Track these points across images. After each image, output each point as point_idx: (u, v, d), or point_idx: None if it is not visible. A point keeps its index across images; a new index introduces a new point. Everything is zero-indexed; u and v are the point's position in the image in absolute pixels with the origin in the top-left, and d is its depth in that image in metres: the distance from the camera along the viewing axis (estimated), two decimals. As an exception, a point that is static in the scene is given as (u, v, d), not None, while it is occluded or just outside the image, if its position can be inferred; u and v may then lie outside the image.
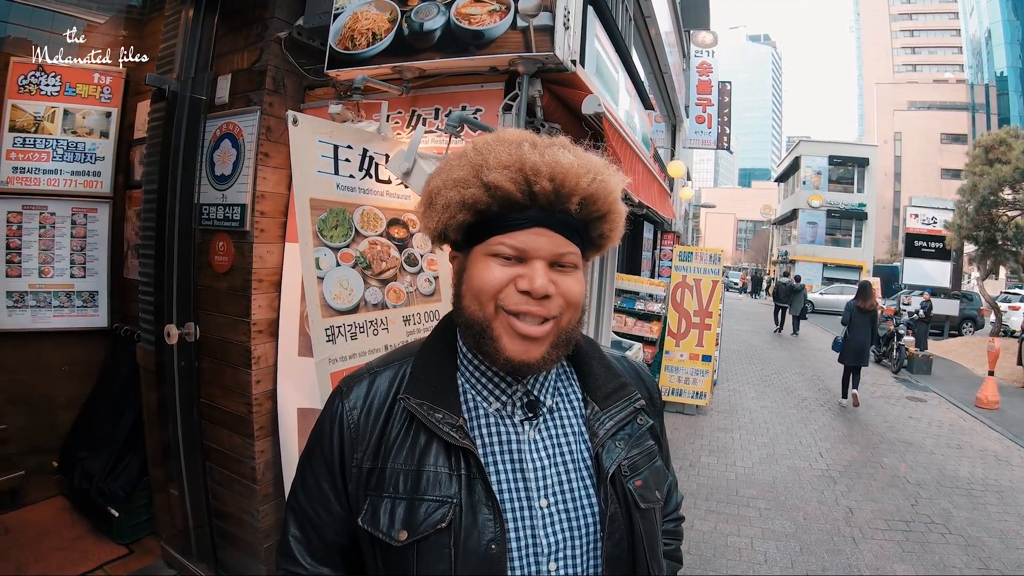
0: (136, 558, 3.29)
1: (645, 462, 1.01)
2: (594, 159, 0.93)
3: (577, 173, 0.87)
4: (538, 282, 0.87)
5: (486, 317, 0.90)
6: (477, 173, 0.88)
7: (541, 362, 0.90)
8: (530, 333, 0.88)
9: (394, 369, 0.99)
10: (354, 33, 2.66)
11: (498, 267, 0.89)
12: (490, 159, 0.88)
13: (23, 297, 3.67)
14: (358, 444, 0.94)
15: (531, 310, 0.88)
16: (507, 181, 0.86)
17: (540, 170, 0.86)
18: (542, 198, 0.87)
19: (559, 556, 0.90)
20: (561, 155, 0.88)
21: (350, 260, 2.41)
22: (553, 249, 0.89)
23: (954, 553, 4.33)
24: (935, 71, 59.85)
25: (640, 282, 8.58)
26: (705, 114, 17.19)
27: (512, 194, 0.86)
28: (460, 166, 0.91)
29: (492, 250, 0.89)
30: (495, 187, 0.86)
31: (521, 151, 0.88)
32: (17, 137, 3.60)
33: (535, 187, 0.86)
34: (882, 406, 9.08)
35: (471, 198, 0.88)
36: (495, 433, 0.94)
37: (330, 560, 0.98)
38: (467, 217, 0.90)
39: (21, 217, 3.66)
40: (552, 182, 0.86)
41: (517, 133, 0.93)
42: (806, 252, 35.61)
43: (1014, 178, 14.10)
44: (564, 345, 0.94)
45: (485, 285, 0.89)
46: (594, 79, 3.17)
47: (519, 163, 0.86)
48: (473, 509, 0.87)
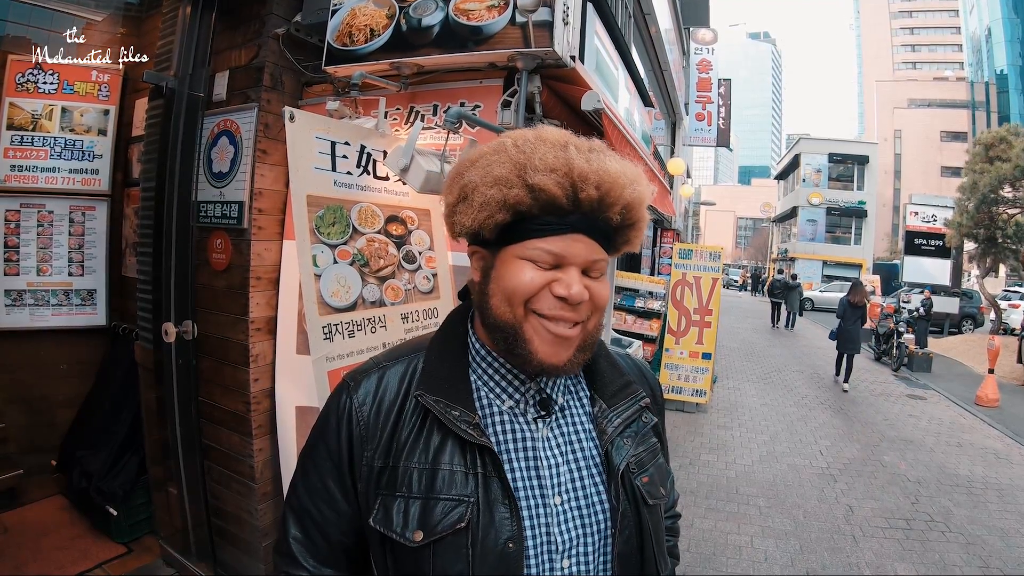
0: (135, 557, 3.29)
1: (650, 459, 1.02)
2: (633, 167, 0.91)
3: (622, 182, 0.86)
4: (575, 289, 0.85)
5: (516, 320, 0.88)
6: (521, 173, 0.84)
7: (569, 364, 0.90)
8: (563, 334, 0.88)
9: (404, 364, 0.98)
10: (352, 29, 2.65)
11: (533, 270, 0.87)
12: (535, 159, 0.84)
13: (21, 295, 3.66)
14: (368, 441, 0.92)
15: (565, 315, 0.87)
16: (554, 185, 0.83)
17: (588, 177, 0.84)
18: (586, 205, 0.85)
19: (572, 553, 0.90)
20: (608, 162, 0.86)
21: (347, 257, 2.39)
22: (588, 256, 0.87)
23: (954, 551, 4.32)
24: (935, 69, 59.76)
25: (640, 280, 8.58)
26: (705, 111, 17.19)
27: (557, 199, 0.84)
28: (501, 163, 0.87)
29: (528, 254, 0.87)
30: (541, 190, 0.83)
31: (568, 155, 0.85)
32: (15, 135, 3.59)
33: (581, 194, 0.84)
34: (882, 404, 9.08)
35: (514, 199, 0.85)
36: (510, 431, 0.93)
37: (334, 561, 0.96)
38: (506, 217, 0.86)
39: (19, 215, 3.64)
40: (599, 190, 0.84)
41: (559, 133, 0.90)
42: (806, 250, 35.61)
43: (1014, 176, 14.08)
44: (589, 348, 0.94)
45: (520, 288, 0.87)
46: (594, 76, 3.16)
47: (567, 167, 0.84)
48: (490, 508, 0.86)
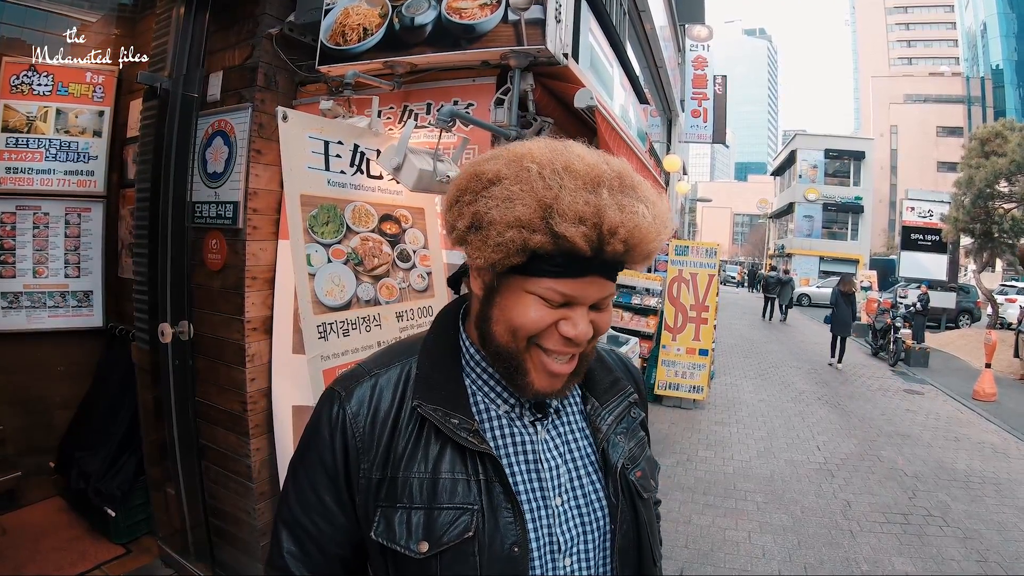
0: (134, 558, 3.29)
1: (641, 453, 1.03)
2: (663, 207, 0.86)
3: (652, 237, 0.82)
4: (581, 328, 0.84)
5: (518, 351, 0.87)
6: (546, 215, 0.78)
7: (563, 389, 0.91)
8: (561, 372, 0.88)
9: (396, 370, 0.95)
10: (345, 28, 2.65)
11: (542, 308, 0.84)
12: (563, 203, 0.77)
13: (18, 298, 3.66)
14: (365, 453, 0.90)
15: (568, 350, 0.87)
16: (580, 238, 0.77)
17: (618, 231, 0.78)
18: (610, 256, 0.81)
19: (574, 551, 0.91)
20: (640, 215, 0.80)
21: (342, 256, 2.40)
22: (599, 295, 0.86)
23: (952, 545, 4.33)
24: (931, 64, 59.82)
25: (636, 276, 8.55)
26: (701, 108, 17.21)
27: (581, 251, 0.79)
28: (523, 200, 0.79)
29: (539, 292, 0.83)
30: (565, 239, 0.77)
31: (600, 201, 0.78)
32: (10, 137, 3.58)
33: (607, 247, 0.79)
34: (879, 399, 9.10)
35: (535, 244, 0.79)
36: (508, 435, 0.93)
37: (330, 574, 0.94)
38: (523, 259, 0.81)
39: (15, 217, 3.64)
40: (625, 244, 0.80)
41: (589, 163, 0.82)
42: (803, 246, 35.60)
43: (1010, 171, 14.14)
44: (582, 371, 0.94)
45: (527, 325, 0.84)
46: (588, 73, 3.17)
47: (597, 218, 0.77)
48: (494, 513, 0.86)
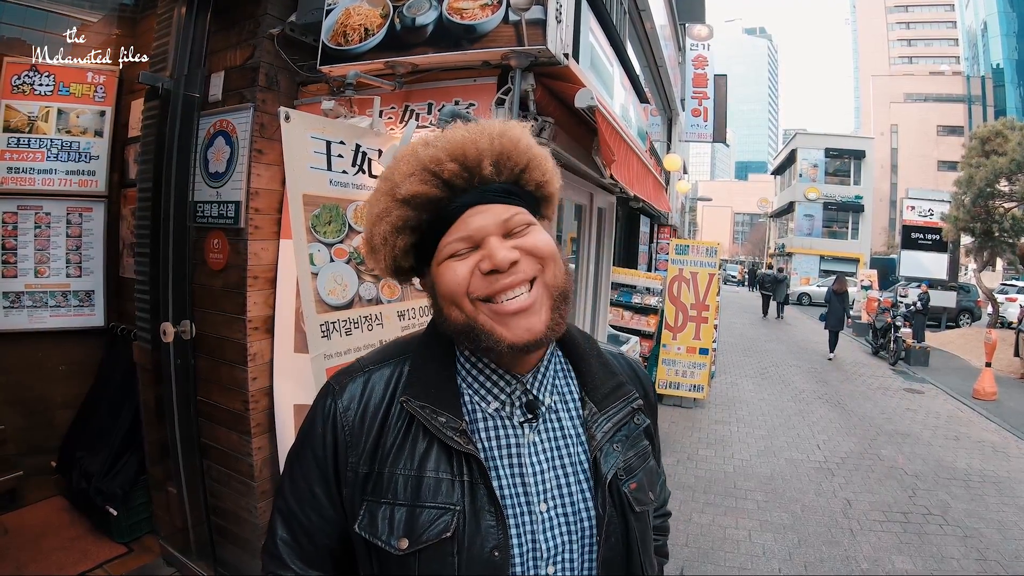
0: (135, 557, 3.30)
1: (640, 463, 1.00)
2: (490, 122, 0.92)
3: (472, 140, 0.86)
4: (499, 255, 0.84)
5: (467, 316, 0.87)
6: (392, 196, 0.88)
7: (548, 330, 0.88)
8: (514, 308, 0.85)
9: (390, 368, 0.96)
10: (346, 29, 2.65)
11: (459, 263, 0.86)
12: (396, 177, 0.88)
13: (20, 297, 3.66)
14: (353, 447, 0.91)
15: (505, 284, 0.85)
16: (417, 185, 0.85)
17: (438, 157, 0.85)
18: (456, 180, 0.86)
19: (557, 560, 0.90)
20: (450, 133, 0.88)
21: (344, 256, 2.41)
22: (496, 220, 0.87)
23: (952, 544, 4.35)
24: (931, 63, 59.81)
25: (637, 276, 8.57)
26: (701, 107, 17.17)
27: (428, 193, 0.86)
28: (376, 201, 0.91)
29: (445, 253, 0.87)
30: (410, 196, 0.86)
31: (416, 154, 0.87)
32: (11, 137, 3.58)
33: (444, 175, 0.85)
34: (880, 398, 9.11)
35: (398, 220, 0.88)
36: (495, 436, 0.92)
37: (320, 564, 0.95)
38: (407, 239, 0.89)
39: (16, 217, 3.64)
40: (455, 160, 0.85)
41: (410, 144, 0.92)
42: (803, 245, 35.58)
43: (1010, 169, 14.12)
44: (562, 304, 0.91)
45: (452, 285, 0.86)
46: (588, 73, 3.17)
47: (419, 164, 0.86)
48: (476, 516, 0.85)
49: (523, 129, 0.93)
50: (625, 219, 9.47)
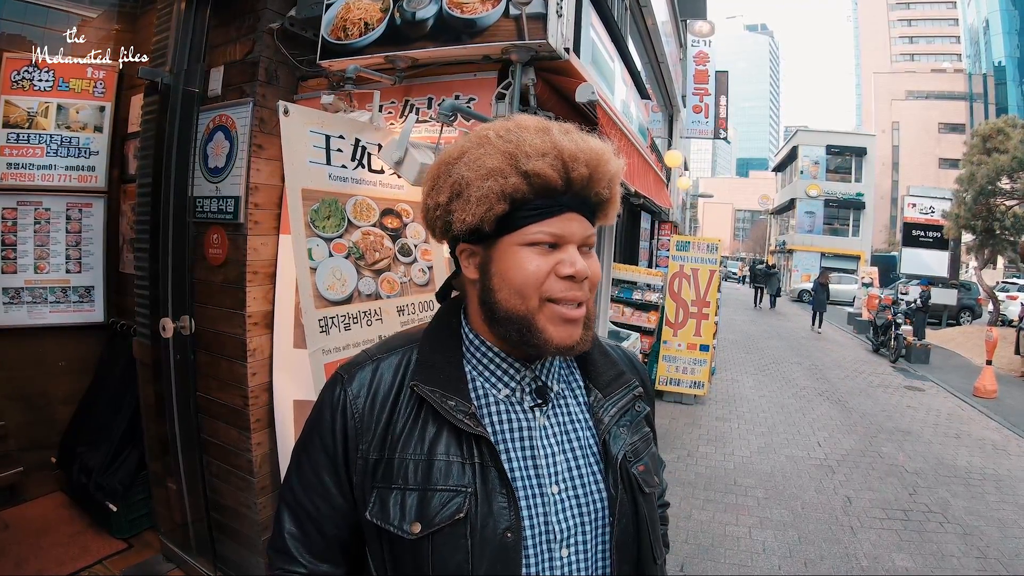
0: (135, 552, 3.30)
1: (644, 447, 1.02)
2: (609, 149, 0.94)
3: (607, 158, 0.90)
4: (580, 264, 0.88)
5: (530, 311, 0.88)
6: (513, 161, 0.86)
7: (580, 343, 0.91)
8: (574, 316, 0.89)
9: (398, 356, 0.97)
10: (346, 23, 2.64)
11: (537, 256, 0.88)
12: (525, 147, 0.86)
13: (19, 293, 3.66)
14: (363, 434, 0.91)
15: (575, 295, 0.89)
16: (548, 168, 0.85)
17: (578, 156, 0.86)
18: (578, 184, 0.88)
19: (571, 542, 0.90)
20: (590, 141, 0.90)
21: (343, 251, 2.40)
22: (583, 233, 0.90)
23: (952, 542, 4.34)
24: (933, 61, 59.69)
25: (638, 272, 8.56)
26: (702, 104, 17.16)
27: (553, 181, 0.86)
28: (490, 155, 0.87)
29: (528, 239, 0.88)
30: (536, 175, 0.85)
31: (554, 138, 0.87)
32: (11, 133, 3.57)
33: (573, 173, 0.86)
34: (880, 395, 9.10)
35: (511, 187, 0.86)
36: (506, 420, 0.93)
37: (330, 556, 0.95)
38: (505, 207, 0.87)
39: (16, 213, 3.63)
40: (588, 167, 0.87)
41: (537, 120, 0.92)
42: (804, 242, 35.54)
43: (1012, 167, 14.09)
44: (591, 327, 0.95)
45: (530, 277, 0.87)
46: (590, 68, 3.16)
47: (556, 150, 0.86)
48: (488, 497, 0.86)
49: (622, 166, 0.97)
50: (626, 215, 9.45)
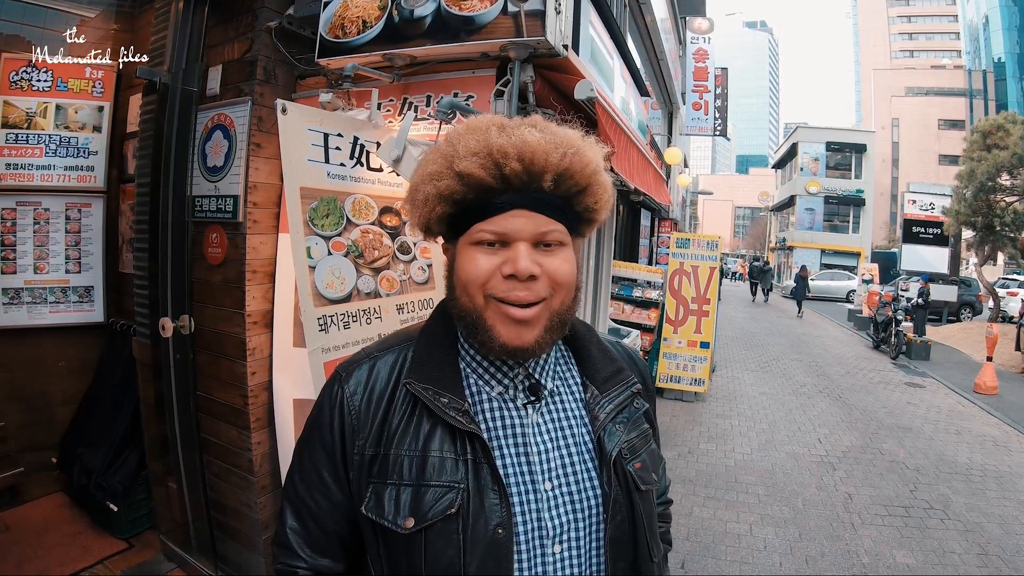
0: (136, 552, 3.30)
1: (642, 444, 1.02)
2: (567, 133, 0.92)
3: (545, 150, 0.87)
4: (521, 264, 0.86)
5: (476, 308, 0.90)
6: (449, 164, 0.88)
7: (536, 346, 0.90)
8: (521, 317, 0.88)
9: (394, 354, 0.99)
10: (344, 21, 2.64)
11: (482, 256, 0.89)
12: (460, 148, 0.88)
13: (19, 293, 3.65)
14: (360, 430, 0.93)
15: (518, 295, 0.87)
16: (477, 167, 0.86)
17: (507, 151, 0.85)
18: (514, 179, 0.87)
19: (563, 538, 0.91)
20: (528, 134, 0.88)
21: (342, 249, 2.40)
22: (534, 229, 0.88)
23: (953, 538, 4.34)
24: (933, 57, 59.66)
25: (637, 269, 8.57)
26: (702, 101, 17.16)
27: (484, 179, 0.86)
28: (434, 160, 0.91)
29: (474, 238, 0.89)
30: (466, 175, 0.86)
31: (488, 136, 0.87)
32: (10, 133, 3.57)
33: (505, 169, 0.86)
34: (880, 392, 9.10)
35: (446, 189, 0.88)
36: (499, 417, 0.94)
37: (330, 551, 0.97)
38: (446, 208, 0.90)
39: (15, 213, 3.63)
40: (521, 162, 0.86)
41: (486, 119, 0.93)
42: (804, 238, 35.57)
43: (1012, 164, 14.08)
44: (558, 328, 0.93)
45: (471, 276, 0.89)
46: (589, 65, 3.16)
47: (486, 148, 0.86)
48: (480, 494, 0.87)
49: (596, 153, 0.95)
50: (626, 213, 9.45)
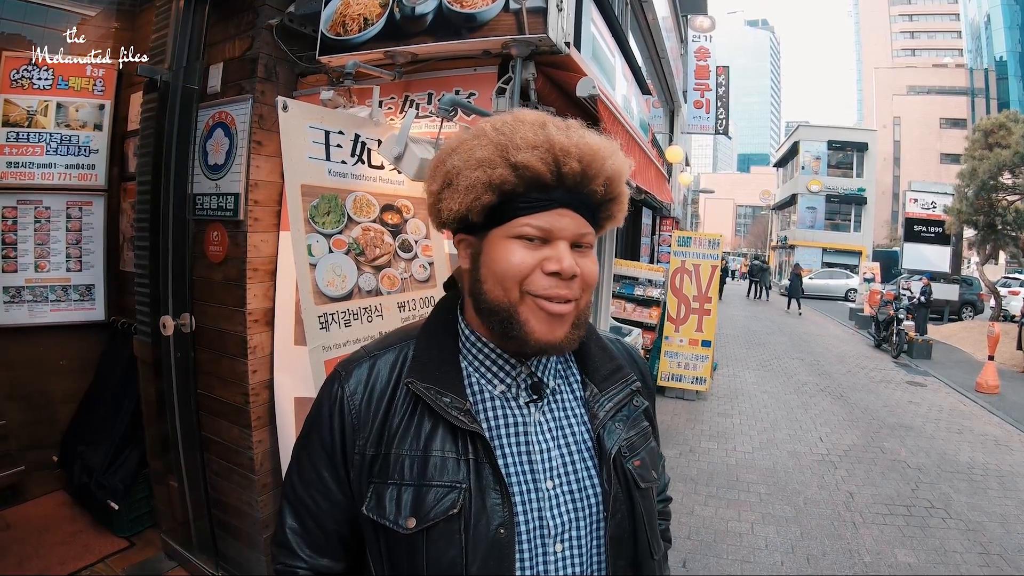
0: (137, 551, 3.30)
1: (642, 442, 1.02)
2: (610, 141, 0.93)
3: (603, 154, 0.88)
4: (566, 262, 0.86)
5: (511, 302, 0.88)
6: (503, 153, 0.86)
7: (564, 342, 0.90)
8: (557, 311, 0.88)
9: (395, 352, 0.98)
10: (345, 19, 2.63)
11: (523, 250, 0.88)
12: (516, 139, 0.86)
13: (20, 292, 3.65)
14: (360, 430, 0.92)
15: (560, 293, 0.87)
16: (537, 161, 0.85)
17: (570, 151, 0.85)
18: (570, 179, 0.87)
19: (565, 537, 0.91)
20: (587, 136, 0.89)
21: (343, 247, 2.39)
22: (575, 230, 0.89)
23: (954, 537, 4.33)
24: (934, 56, 59.56)
25: (639, 267, 8.56)
26: (703, 99, 17.15)
27: (542, 175, 0.85)
28: (482, 146, 0.88)
29: (516, 232, 0.88)
30: (524, 167, 0.85)
31: (548, 132, 0.87)
32: (10, 132, 3.56)
33: (564, 168, 0.85)
34: (882, 391, 9.09)
35: (498, 178, 0.86)
36: (501, 416, 0.93)
37: (329, 551, 0.96)
38: (492, 198, 0.88)
39: (16, 212, 3.63)
40: (580, 163, 0.86)
41: (536, 114, 0.92)
42: (805, 237, 35.57)
43: (1014, 162, 14.03)
44: (582, 326, 0.94)
45: (511, 269, 0.87)
46: (590, 63, 3.15)
47: (548, 143, 0.85)
48: (482, 493, 0.86)
49: (627, 163, 0.95)
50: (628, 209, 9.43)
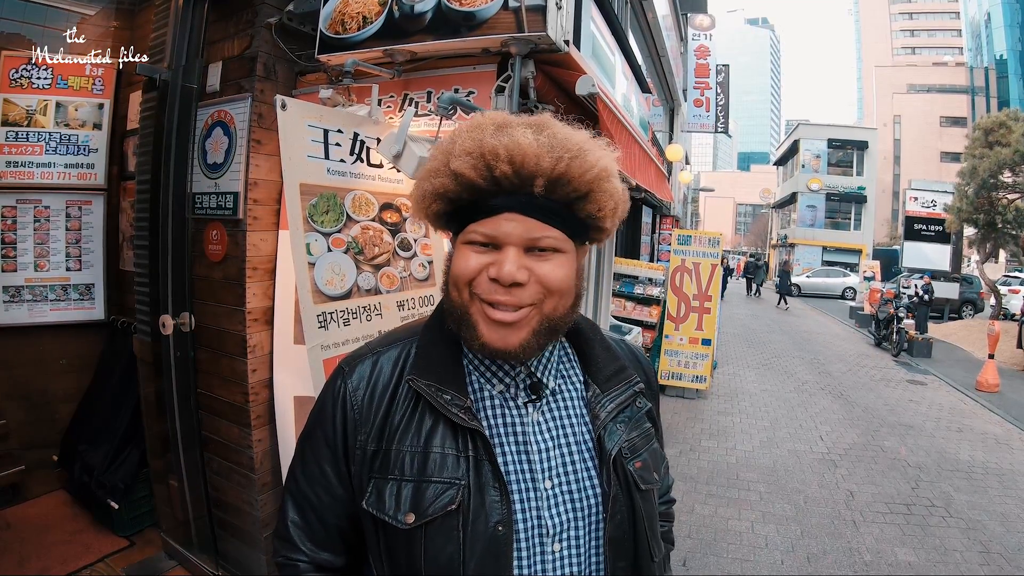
0: (137, 550, 3.30)
1: (644, 444, 1.02)
2: (570, 136, 0.88)
3: (537, 153, 0.84)
4: (505, 268, 0.85)
5: (463, 303, 0.89)
6: (446, 162, 0.88)
7: (521, 350, 0.88)
8: (502, 319, 0.87)
9: (397, 349, 0.99)
10: (344, 17, 2.63)
11: (473, 255, 0.88)
12: (456, 146, 0.87)
13: (19, 291, 3.65)
14: (362, 425, 0.93)
15: (500, 299, 0.86)
16: (468, 168, 0.85)
17: (498, 153, 0.83)
18: (505, 182, 0.85)
19: (563, 537, 0.91)
20: (521, 135, 0.85)
21: (342, 245, 2.39)
22: (524, 234, 0.86)
23: (955, 536, 4.33)
24: (934, 54, 59.52)
25: (639, 266, 8.55)
26: (703, 98, 17.12)
27: (474, 180, 0.85)
28: (435, 156, 0.91)
29: (467, 238, 0.89)
30: (459, 174, 0.86)
31: (482, 135, 0.86)
32: (10, 131, 3.56)
33: (495, 171, 0.84)
34: (882, 389, 9.09)
35: (441, 187, 0.88)
36: (500, 415, 0.94)
37: (331, 545, 0.97)
38: (442, 206, 0.90)
39: (16, 211, 3.62)
40: (511, 164, 0.83)
41: (490, 116, 0.91)
42: (805, 236, 35.55)
43: (1014, 161, 14.02)
44: (550, 332, 0.91)
45: (459, 272, 0.89)
46: (590, 62, 3.14)
47: (479, 148, 0.85)
48: (481, 491, 0.87)
49: (602, 158, 0.91)
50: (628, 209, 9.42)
